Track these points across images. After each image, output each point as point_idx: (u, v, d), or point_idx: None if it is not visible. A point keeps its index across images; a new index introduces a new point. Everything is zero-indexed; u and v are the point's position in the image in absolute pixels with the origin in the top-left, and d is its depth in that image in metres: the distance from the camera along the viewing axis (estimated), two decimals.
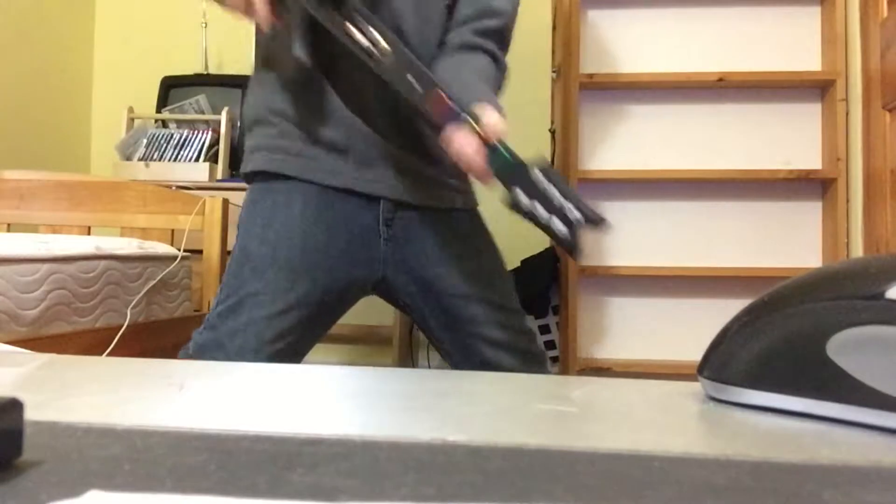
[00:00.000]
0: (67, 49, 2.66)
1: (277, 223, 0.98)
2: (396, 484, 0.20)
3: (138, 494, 0.18)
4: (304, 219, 0.98)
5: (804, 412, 0.29)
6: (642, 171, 2.02)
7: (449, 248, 1.04)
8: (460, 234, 1.06)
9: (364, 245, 1.00)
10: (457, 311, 1.03)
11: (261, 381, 0.36)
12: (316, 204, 0.98)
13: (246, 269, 0.97)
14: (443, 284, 1.02)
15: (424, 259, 1.02)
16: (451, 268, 1.03)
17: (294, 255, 0.97)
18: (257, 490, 0.19)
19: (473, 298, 1.03)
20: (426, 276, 1.02)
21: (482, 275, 1.05)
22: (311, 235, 0.98)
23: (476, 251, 1.07)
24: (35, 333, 1.13)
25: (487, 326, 1.03)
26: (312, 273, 0.97)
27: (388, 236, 1.01)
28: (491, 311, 1.03)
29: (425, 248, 1.03)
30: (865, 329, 0.28)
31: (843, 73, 1.90)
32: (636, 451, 0.24)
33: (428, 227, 1.03)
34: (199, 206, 1.64)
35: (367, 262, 1.01)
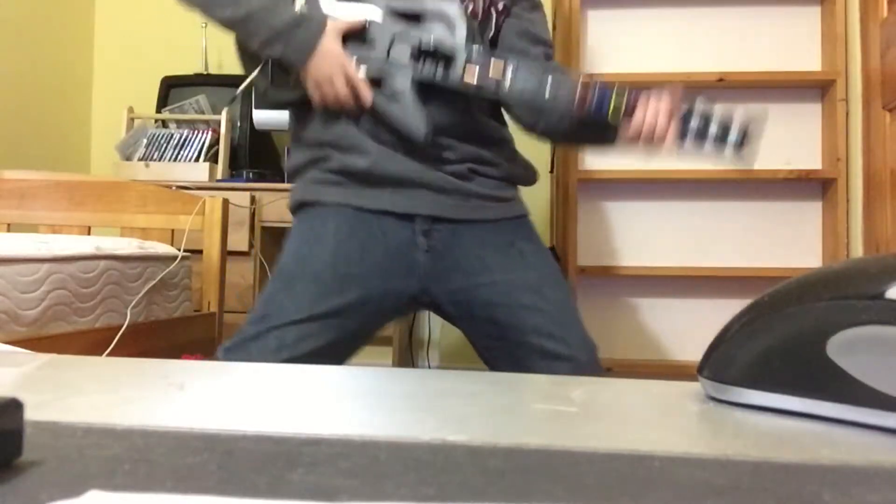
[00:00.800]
0: (67, 49, 2.66)
1: (311, 240, 1.03)
2: (396, 484, 0.20)
3: (138, 494, 0.18)
4: (338, 235, 1.02)
5: (804, 412, 0.29)
6: (642, 171, 2.02)
7: (491, 258, 1.03)
8: (503, 243, 1.05)
9: (401, 258, 1.02)
10: (504, 320, 1.01)
11: (261, 381, 0.36)
12: (351, 222, 1.02)
13: (277, 284, 1.01)
14: (486, 294, 1.02)
15: (467, 268, 1.03)
16: (494, 277, 1.02)
17: (324, 269, 1.00)
18: (257, 490, 0.19)
19: (519, 307, 1.00)
20: (468, 286, 1.03)
21: (529, 282, 1.02)
22: (342, 249, 1.01)
23: (520, 256, 1.04)
24: (35, 333, 1.12)
25: (536, 336, 0.99)
26: (343, 284, 0.99)
27: (428, 247, 1.03)
28: (540, 319, 1.00)
29: (467, 258, 1.03)
30: (865, 329, 0.28)
31: (843, 73, 1.90)
32: (636, 451, 0.24)
33: (468, 238, 1.04)
34: (199, 206, 1.64)
35: (404, 273, 1.03)
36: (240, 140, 2.40)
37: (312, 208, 1.06)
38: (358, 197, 1.03)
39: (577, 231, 2.02)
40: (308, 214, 1.06)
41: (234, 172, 2.33)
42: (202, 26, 2.47)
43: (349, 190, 1.04)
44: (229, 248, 1.74)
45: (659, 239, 2.06)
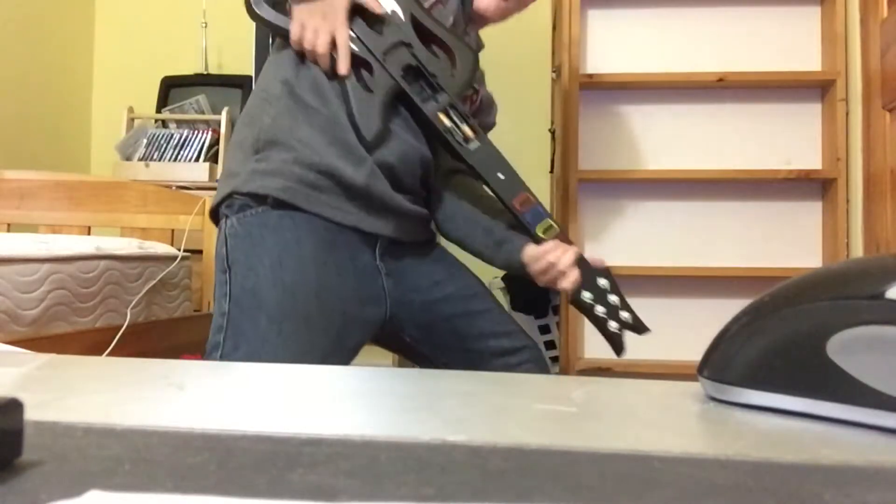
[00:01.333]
0: (67, 49, 2.66)
1: (290, 265, 0.93)
2: (396, 484, 0.20)
3: (138, 494, 0.18)
4: (316, 260, 0.94)
5: (804, 412, 0.29)
6: (642, 171, 2.02)
7: (438, 273, 1.07)
8: (440, 259, 1.11)
9: (369, 282, 1.01)
10: (464, 330, 1.05)
11: (261, 381, 0.36)
12: (323, 242, 0.96)
13: (262, 319, 0.90)
14: (445, 308, 1.05)
15: (423, 287, 1.05)
16: (446, 290, 1.06)
17: (311, 304, 0.92)
18: (257, 490, 0.19)
19: (473, 314, 1.06)
20: (429, 305, 1.05)
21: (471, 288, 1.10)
22: (324, 279, 0.94)
23: (457, 267, 1.11)
24: (35, 333, 1.13)
25: (493, 338, 1.06)
26: (329, 319, 0.94)
27: (387, 271, 1.03)
28: (491, 321, 1.07)
29: (420, 277, 1.06)
30: (865, 329, 0.28)
31: (843, 73, 1.90)
32: (636, 451, 0.24)
33: (415, 257, 1.06)
34: (199, 206, 1.64)
35: (375, 299, 1.01)
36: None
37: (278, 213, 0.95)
38: (333, 208, 0.97)
39: (577, 230, 2.02)
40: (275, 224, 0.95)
41: None
42: (202, 26, 2.48)
43: (326, 199, 0.96)
44: None
45: (659, 239, 2.06)
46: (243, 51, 2.41)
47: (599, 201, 2.08)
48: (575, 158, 2.01)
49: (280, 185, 0.94)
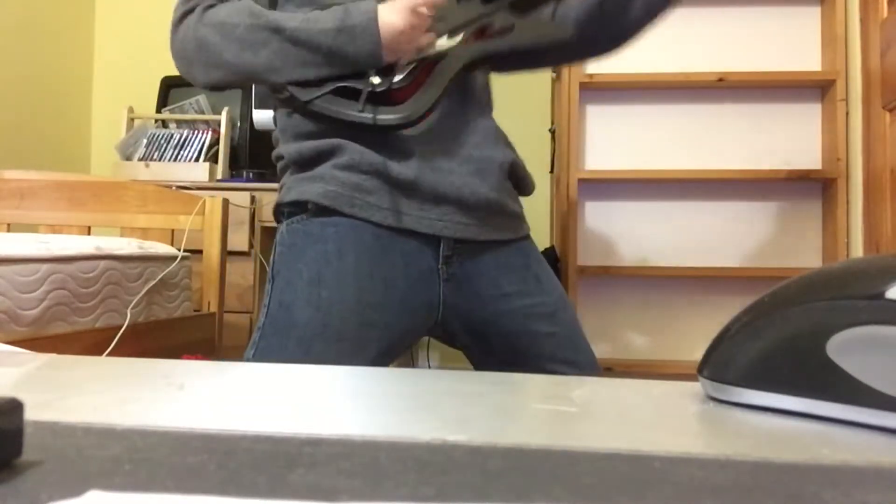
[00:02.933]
0: (67, 49, 2.66)
1: (329, 280, 0.87)
2: (396, 484, 0.20)
3: (138, 494, 0.18)
4: (359, 273, 0.88)
5: (804, 412, 0.29)
6: (642, 171, 2.02)
7: (508, 284, 0.96)
8: (518, 265, 0.99)
9: (422, 291, 0.93)
10: (522, 348, 0.96)
11: (261, 381, 0.36)
12: (371, 252, 0.89)
13: (292, 341, 0.86)
14: (505, 323, 0.96)
15: (486, 297, 0.95)
16: (512, 304, 0.96)
17: (347, 322, 0.87)
18: (257, 490, 0.19)
19: (537, 334, 0.96)
20: (488, 316, 0.95)
21: (546, 308, 0.98)
22: (366, 293, 0.88)
23: (536, 281, 0.99)
24: (35, 333, 1.13)
25: (552, 362, 0.96)
26: (366, 336, 0.88)
27: (448, 276, 0.94)
28: (556, 345, 0.97)
29: (485, 285, 0.95)
30: (865, 329, 0.28)
31: (843, 73, 1.90)
32: (636, 451, 0.24)
33: (488, 262, 0.96)
34: (199, 206, 1.64)
35: (425, 308, 0.94)
36: (240, 140, 2.40)
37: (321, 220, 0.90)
38: (383, 212, 0.89)
39: (577, 231, 2.02)
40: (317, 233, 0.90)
41: (234, 172, 2.34)
42: None
43: (374, 201, 0.89)
44: (229, 248, 1.75)
45: (659, 239, 2.06)
46: None
47: (599, 201, 2.08)
48: (575, 158, 2.01)
49: (321, 189, 0.89)
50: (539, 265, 1.02)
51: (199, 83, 0.93)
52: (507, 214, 0.98)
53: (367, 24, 0.85)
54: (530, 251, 1.02)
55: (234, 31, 0.87)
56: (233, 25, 0.87)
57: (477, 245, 0.95)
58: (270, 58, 0.87)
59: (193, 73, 0.92)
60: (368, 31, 0.85)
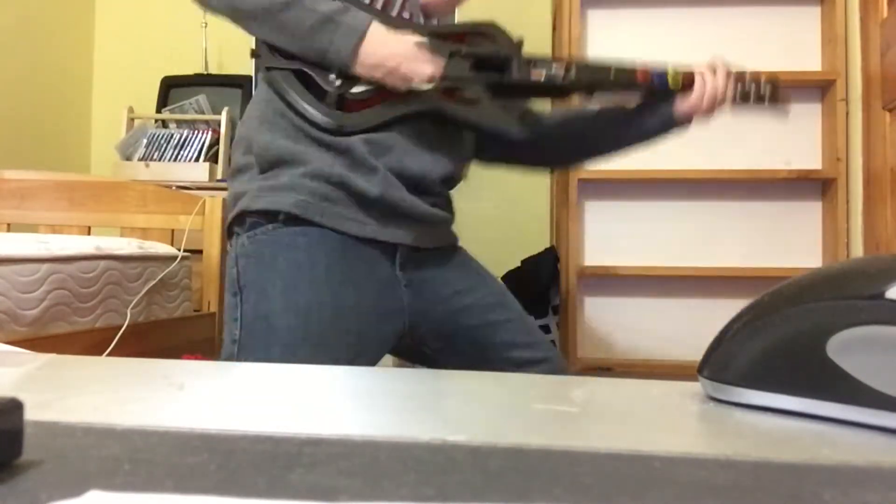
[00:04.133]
0: (67, 49, 2.66)
1: (304, 287, 0.89)
2: (396, 484, 0.20)
3: (138, 494, 0.18)
4: (331, 280, 0.90)
5: (804, 412, 0.29)
6: (642, 171, 2.02)
7: (458, 281, 1.03)
8: (463, 265, 1.06)
9: (388, 297, 0.97)
10: (483, 341, 1.01)
11: (261, 381, 0.36)
12: (340, 260, 0.91)
13: (275, 349, 0.87)
14: (465, 319, 1.01)
15: (443, 297, 1.01)
16: (465, 300, 1.02)
17: (325, 327, 0.89)
18: (257, 490, 0.19)
19: (494, 324, 1.02)
20: (449, 315, 1.01)
21: (494, 297, 1.05)
22: (340, 298, 0.90)
23: (478, 275, 1.06)
24: (35, 333, 1.12)
25: (513, 348, 1.02)
26: (345, 340, 0.90)
27: (407, 282, 0.98)
28: (512, 332, 1.03)
29: (439, 287, 1.01)
30: (865, 329, 0.28)
31: (843, 73, 1.90)
32: (636, 451, 0.24)
33: (437, 266, 1.02)
34: (199, 206, 1.64)
35: (394, 313, 0.97)
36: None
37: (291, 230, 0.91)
38: (349, 222, 0.92)
39: (578, 231, 2.02)
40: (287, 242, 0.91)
41: None
42: (202, 26, 2.48)
43: (340, 211, 0.92)
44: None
45: (659, 239, 2.06)
46: (243, 51, 2.39)
47: (599, 201, 2.08)
48: None
49: (293, 199, 0.90)
50: (477, 264, 1.09)
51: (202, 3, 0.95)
52: (448, 224, 1.06)
53: (356, 26, 0.89)
54: (465, 253, 1.10)
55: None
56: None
57: (426, 252, 1.00)
58: (258, 7, 0.90)
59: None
60: (353, 33, 0.89)
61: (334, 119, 0.92)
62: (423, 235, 0.99)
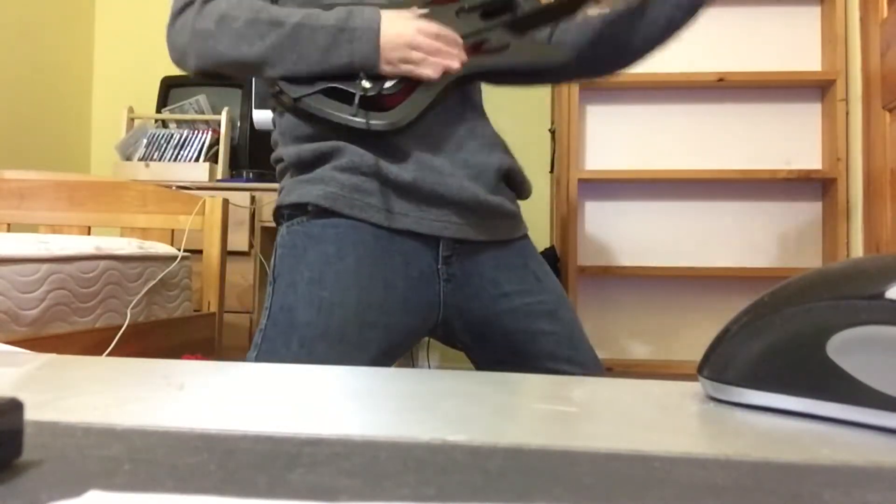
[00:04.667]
0: (67, 49, 2.66)
1: (330, 281, 0.88)
2: (396, 484, 0.20)
3: (138, 494, 0.18)
4: (359, 274, 0.89)
5: (804, 412, 0.29)
6: (642, 171, 2.02)
7: (508, 283, 0.97)
8: (517, 264, 0.99)
9: (422, 291, 0.93)
10: (522, 348, 0.96)
11: (261, 381, 0.36)
12: (371, 253, 0.90)
13: (294, 342, 0.86)
14: (506, 321, 0.96)
15: (485, 297, 0.96)
16: (513, 303, 0.96)
17: (348, 323, 0.87)
18: (257, 490, 0.19)
19: (537, 333, 0.96)
20: (488, 315, 0.96)
21: (545, 306, 0.98)
22: (367, 293, 0.88)
23: (535, 280, 1.00)
24: (35, 333, 1.13)
25: (553, 361, 0.96)
26: (368, 336, 0.88)
27: (448, 276, 0.94)
28: (556, 344, 0.97)
29: (485, 285, 0.96)
30: (865, 329, 0.28)
31: (843, 73, 1.90)
32: (636, 451, 0.24)
33: (487, 261, 0.96)
34: (199, 206, 1.64)
35: (425, 308, 0.94)
36: (240, 140, 2.40)
37: (321, 222, 0.90)
38: (382, 213, 0.90)
39: (578, 231, 2.02)
40: (317, 235, 0.90)
41: (234, 172, 2.33)
42: None
43: (374, 202, 0.90)
44: (229, 248, 1.74)
45: (659, 239, 2.06)
46: None
47: (599, 201, 2.08)
48: (575, 158, 2.01)
49: (321, 191, 0.89)
50: (538, 264, 1.02)
51: (190, 69, 0.94)
52: (505, 215, 0.99)
53: (368, 28, 0.87)
54: (529, 250, 1.03)
55: (232, 24, 0.88)
56: (232, 18, 0.88)
57: (476, 245, 0.95)
58: (266, 51, 0.88)
59: (185, 60, 0.93)
60: (368, 35, 0.87)
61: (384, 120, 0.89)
62: (470, 227, 0.94)
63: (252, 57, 0.88)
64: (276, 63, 0.88)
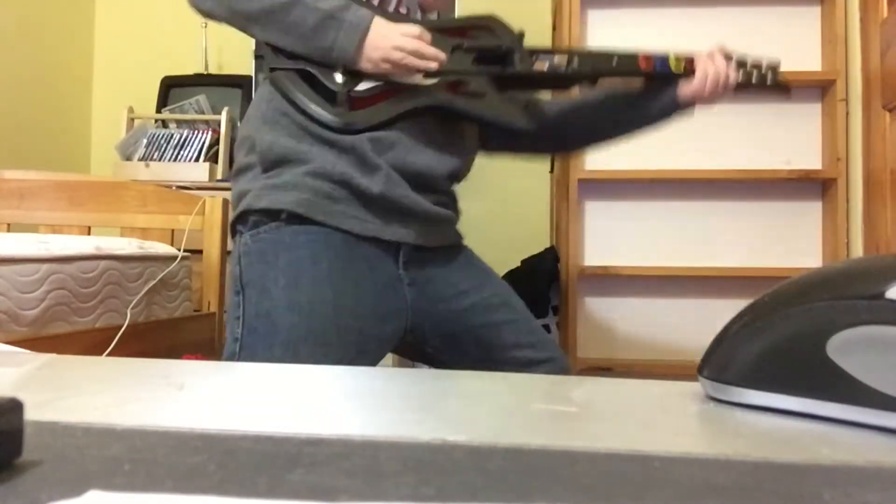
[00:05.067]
0: (67, 49, 2.66)
1: (306, 285, 0.89)
2: (396, 484, 0.20)
3: (138, 494, 0.18)
4: (332, 279, 0.90)
5: (804, 412, 0.29)
6: (642, 171, 2.02)
7: (462, 281, 1.03)
8: (464, 263, 1.06)
9: (390, 297, 0.96)
10: (487, 341, 1.02)
11: (261, 381, 0.36)
12: (341, 258, 0.91)
13: (276, 347, 0.87)
14: (469, 318, 1.01)
15: (446, 296, 1.01)
16: (471, 299, 1.02)
17: (328, 325, 0.89)
18: (257, 490, 0.19)
19: (498, 324, 1.02)
20: (452, 315, 1.00)
21: (499, 297, 1.05)
22: (342, 297, 0.90)
23: (485, 275, 1.07)
24: (35, 333, 1.12)
25: (517, 349, 1.02)
26: (346, 339, 0.90)
27: (410, 280, 0.98)
28: (516, 332, 1.03)
29: (443, 285, 1.01)
30: (865, 329, 0.28)
31: (843, 73, 1.90)
32: (636, 451, 0.24)
33: (441, 265, 1.02)
34: (199, 206, 1.64)
35: (396, 312, 0.97)
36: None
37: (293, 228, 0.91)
38: (351, 220, 0.92)
39: (578, 231, 2.02)
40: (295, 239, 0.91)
41: None
42: (202, 26, 2.48)
43: (343, 209, 0.92)
44: (229, 248, 1.74)
45: (659, 239, 2.06)
46: (243, 51, 2.40)
47: (599, 201, 2.08)
48: (575, 158, 2.01)
49: (295, 198, 0.90)
50: (481, 262, 1.09)
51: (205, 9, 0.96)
52: (452, 223, 1.06)
53: (358, 22, 0.90)
54: (470, 252, 1.10)
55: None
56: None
57: (429, 251, 1.00)
58: (260, 9, 0.90)
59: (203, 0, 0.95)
60: (356, 29, 0.89)
61: (340, 117, 0.92)
62: (427, 234, 0.99)
63: (247, 11, 0.91)
64: (265, 26, 0.92)
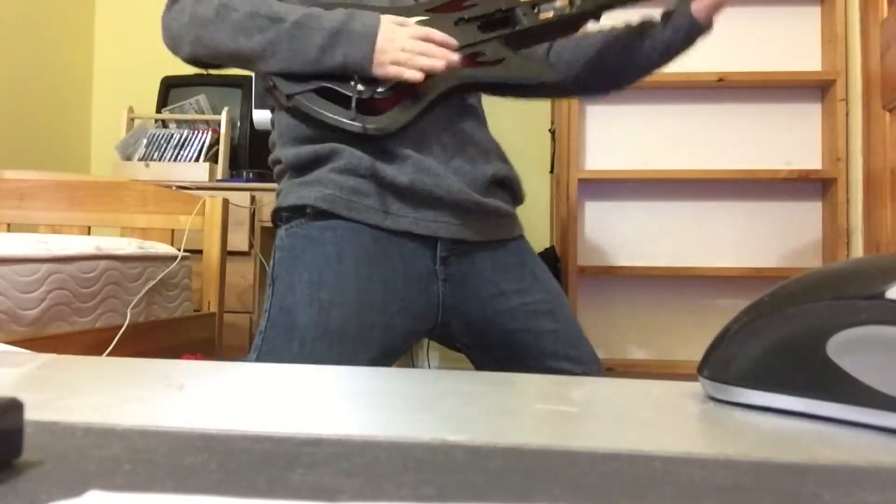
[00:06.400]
0: (67, 49, 2.66)
1: (329, 282, 0.88)
2: (396, 484, 0.20)
3: (138, 494, 0.18)
4: (359, 276, 0.89)
5: (804, 412, 0.29)
6: (642, 171, 2.02)
7: (506, 282, 0.98)
8: (514, 263, 1.00)
9: (421, 292, 0.94)
10: (521, 347, 0.97)
11: (261, 381, 0.36)
12: (370, 254, 0.90)
13: (294, 344, 0.87)
14: (505, 321, 0.97)
15: (484, 296, 0.96)
16: (511, 302, 0.97)
17: (348, 323, 0.87)
18: (257, 490, 0.19)
19: (537, 332, 0.97)
20: (487, 315, 0.96)
21: (544, 305, 0.99)
22: (366, 295, 0.89)
23: (533, 279, 1.00)
24: (35, 333, 1.13)
25: (553, 359, 0.97)
26: (367, 336, 0.89)
27: (446, 276, 0.95)
28: (556, 342, 0.98)
29: (483, 284, 0.97)
30: (865, 329, 0.27)
31: (843, 73, 1.90)
32: (636, 451, 0.24)
33: (484, 261, 0.97)
34: (199, 206, 1.64)
35: (424, 309, 0.95)
36: (240, 140, 2.40)
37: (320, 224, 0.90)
38: (380, 215, 0.90)
39: (577, 231, 2.02)
40: (316, 237, 0.90)
41: (234, 172, 2.33)
42: None
43: (371, 203, 0.90)
44: (229, 248, 1.74)
45: (659, 239, 2.06)
46: None
47: (599, 201, 2.08)
48: (575, 158, 2.01)
49: (318, 193, 0.90)
50: (535, 263, 1.03)
51: (183, 55, 0.94)
52: (500, 215, 1.00)
53: (367, 31, 0.87)
54: (525, 250, 1.03)
55: (231, 15, 0.89)
56: (233, 9, 0.89)
57: (472, 245, 0.96)
58: (263, 45, 0.88)
59: (180, 46, 0.93)
60: (365, 39, 0.87)
61: (373, 124, 0.89)
62: (467, 228, 0.95)
63: (249, 50, 0.89)
64: (271, 58, 0.89)
